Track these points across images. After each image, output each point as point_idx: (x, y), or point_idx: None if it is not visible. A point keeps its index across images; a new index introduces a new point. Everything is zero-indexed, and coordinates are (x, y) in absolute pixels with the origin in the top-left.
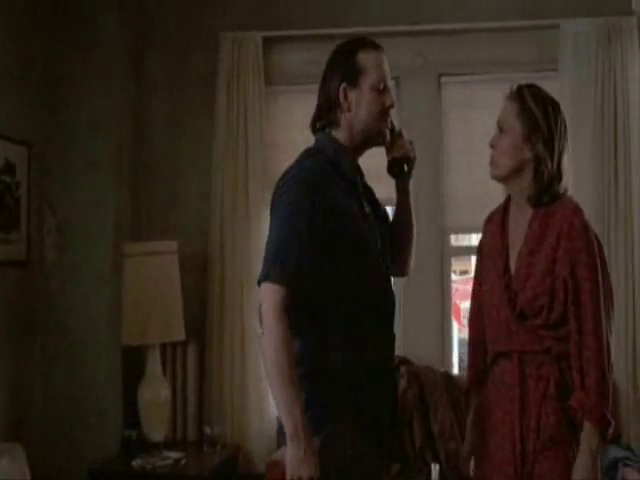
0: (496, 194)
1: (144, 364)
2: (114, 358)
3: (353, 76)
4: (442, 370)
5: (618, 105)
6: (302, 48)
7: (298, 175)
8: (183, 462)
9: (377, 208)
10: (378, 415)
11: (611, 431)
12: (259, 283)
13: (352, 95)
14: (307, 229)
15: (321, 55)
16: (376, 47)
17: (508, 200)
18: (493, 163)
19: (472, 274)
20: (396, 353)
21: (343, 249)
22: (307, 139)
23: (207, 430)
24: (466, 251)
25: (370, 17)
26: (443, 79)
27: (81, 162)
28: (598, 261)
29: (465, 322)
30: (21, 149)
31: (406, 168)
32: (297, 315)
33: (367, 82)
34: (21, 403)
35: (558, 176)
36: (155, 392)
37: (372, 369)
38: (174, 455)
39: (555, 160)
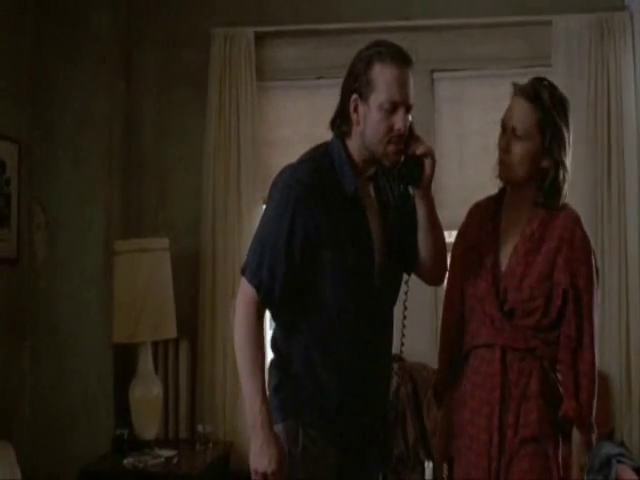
0: (488, 190)
1: (135, 362)
2: (105, 356)
3: (364, 89)
4: (435, 367)
5: (611, 101)
6: (294, 44)
7: (289, 181)
8: (175, 460)
9: (400, 222)
10: (348, 420)
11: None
12: (241, 273)
13: (361, 109)
14: (285, 238)
15: (313, 50)
16: (397, 61)
17: (502, 193)
18: (505, 167)
19: None
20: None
21: (320, 265)
22: (299, 135)
23: (199, 428)
24: None
25: (362, 12)
26: (435, 75)
27: (71, 159)
28: (595, 274)
29: None
30: (11, 146)
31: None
32: (276, 305)
33: (376, 99)
34: (11, 402)
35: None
36: (147, 390)
37: (345, 374)
38: (166, 453)
39: (568, 164)
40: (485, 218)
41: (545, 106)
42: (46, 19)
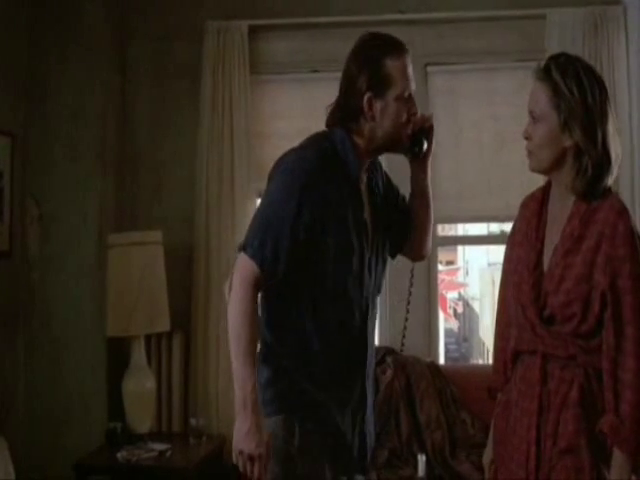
0: (483, 184)
1: (129, 355)
2: (98, 349)
3: (380, 87)
4: (428, 360)
5: None
6: (288, 37)
7: (296, 167)
8: (168, 454)
9: (386, 210)
10: (337, 419)
11: None
12: (239, 251)
13: (377, 105)
14: (291, 221)
15: (307, 44)
16: (402, 51)
17: (549, 185)
18: (531, 155)
19: (458, 265)
20: (383, 344)
21: (320, 249)
22: (293, 129)
23: (192, 422)
24: (452, 241)
25: (356, 5)
26: (429, 68)
27: (65, 153)
28: None
29: (451, 312)
30: (4, 139)
31: (425, 144)
32: (269, 295)
33: (393, 93)
34: (3, 395)
35: (607, 163)
36: (140, 383)
37: (334, 371)
38: (159, 447)
39: (600, 144)
40: (533, 212)
41: (554, 81)
42: (40, 12)
